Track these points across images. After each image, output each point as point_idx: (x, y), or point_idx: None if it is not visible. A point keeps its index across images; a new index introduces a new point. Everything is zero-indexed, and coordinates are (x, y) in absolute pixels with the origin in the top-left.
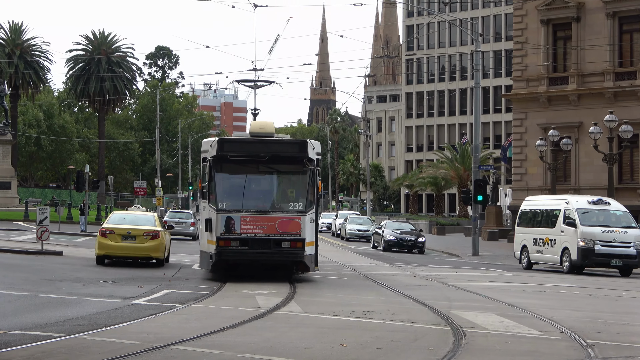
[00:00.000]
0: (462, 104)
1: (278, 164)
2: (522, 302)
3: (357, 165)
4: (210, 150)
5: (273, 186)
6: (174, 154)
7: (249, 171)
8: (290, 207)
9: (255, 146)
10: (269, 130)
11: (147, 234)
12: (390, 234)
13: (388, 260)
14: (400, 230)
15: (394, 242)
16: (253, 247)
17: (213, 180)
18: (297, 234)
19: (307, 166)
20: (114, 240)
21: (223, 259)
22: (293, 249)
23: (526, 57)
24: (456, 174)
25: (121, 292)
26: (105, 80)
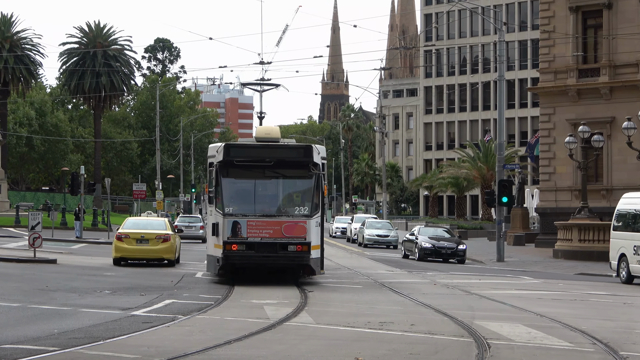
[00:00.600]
0: (485, 99)
1: (284, 169)
2: (550, 311)
3: (372, 165)
4: (217, 156)
5: (279, 191)
6: (176, 154)
7: (255, 176)
8: (295, 211)
9: (261, 151)
10: (275, 136)
11: (159, 238)
12: (427, 241)
13: (406, 268)
14: (437, 237)
15: (430, 250)
16: (259, 251)
17: (219, 185)
18: (302, 238)
19: (313, 171)
20: (129, 244)
21: (230, 262)
22: (299, 252)
23: (554, 48)
24: (479, 174)
25: (119, 303)
26: (101, 75)
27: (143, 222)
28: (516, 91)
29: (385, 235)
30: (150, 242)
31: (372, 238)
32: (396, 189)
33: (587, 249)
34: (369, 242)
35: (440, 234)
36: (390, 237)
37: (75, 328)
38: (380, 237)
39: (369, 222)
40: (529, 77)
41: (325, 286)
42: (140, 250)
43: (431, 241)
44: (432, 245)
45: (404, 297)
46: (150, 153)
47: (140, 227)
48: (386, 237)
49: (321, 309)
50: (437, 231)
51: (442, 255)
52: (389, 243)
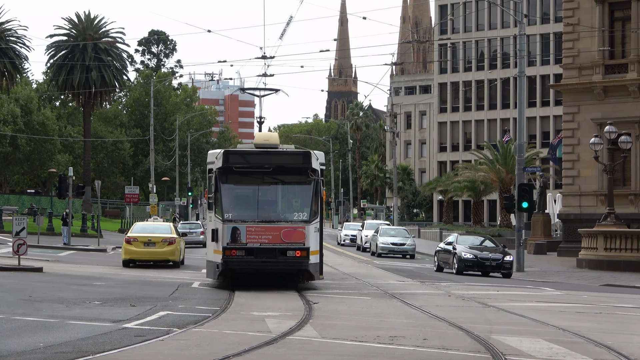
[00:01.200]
0: (504, 96)
1: (282, 175)
2: (574, 325)
3: (382, 167)
4: (216, 162)
5: (278, 196)
6: (171, 155)
7: (254, 182)
8: (294, 216)
9: (259, 157)
10: (274, 142)
11: (164, 241)
12: (467, 251)
13: (419, 278)
14: (479, 246)
15: (472, 262)
16: (259, 256)
17: (219, 192)
18: (301, 243)
19: (311, 177)
20: (137, 247)
21: (229, 268)
22: (298, 257)
23: (578, 42)
24: (497, 177)
25: (110, 314)
26: (91, 70)
27: (150, 227)
28: (537, 88)
29: (401, 244)
30: (157, 245)
31: (387, 247)
32: (408, 193)
33: (613, 258)
34: (383, 251)
35: (481, 242)
36: (407, 246)
37: (62, 341)
38: (396, 246)
39: (383, 229)
40: (552, 74)
41: (332, 297)
42: (148, 253)
43: (472, 251)
44: (474, 256)
45: (416, 310)
46: (144, 153)
47: (147, 231)
48: (402, 245)
49: (327, 322)
50: (478, 240)
51: (485, 267)
52: (405, 252)
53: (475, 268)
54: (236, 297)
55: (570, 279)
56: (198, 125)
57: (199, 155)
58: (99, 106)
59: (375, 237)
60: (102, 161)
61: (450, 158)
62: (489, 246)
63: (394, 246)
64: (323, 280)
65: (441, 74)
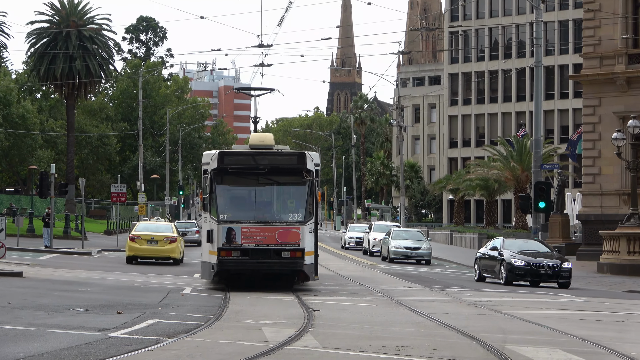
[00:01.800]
0: (519, 88)
1: (277, 176)
2: (594, 334)
3: (388, 164)
4: (211, 163)
5: (273, 197)
6: (161, 151)
7: (249, 183)
8: (289, 217)
9: (254, 158)
10: (268, 143)
11: (166, 239)
12: (517, 257)
13: (428, 283)
14: (531, 251)
15: (524, 270)
16: (254, 257)
17: (214, 192)
18: (296, 244)
19: (306, 177)
20: (140, 244)
21: (225, 268)
22: (293, 258)
23: (599, 29)
24: (512, 175)
25: (95, 323)
26: (75, 60)
27: (152, 226)
28: (555, 79)
29: (416, 248)
30: (159, 243)
31: (400, 251)
32: (416, 192)
33: (637, 262)
34: (395, 255)
35: (532, 247)
36: (422, 250)
37: (43, 352)
38: (410, 250)
39: (396, 231)
40: (571, 63)
41: (334, 304)
42: (150, 250)
43: (524, 257)
44: (527, 263)
45: (424, 318)
46: (132, 149)
47: (150, 230)
48: (417, 249)
49: (329, 330)
50: (529, 244)
51: (539, 276)
52: (421, 257)
53: (527, 277)
54: (231, 304)
55: (590, 284)
56: (190, 118)
57: (190, 151)
58: (83, 98)
59: (386, 241)
60: (86, 157)
61: (461, 154)
62: (542, 251)
63: (407, 250)
64: (325, 286)
65: (452, 63)
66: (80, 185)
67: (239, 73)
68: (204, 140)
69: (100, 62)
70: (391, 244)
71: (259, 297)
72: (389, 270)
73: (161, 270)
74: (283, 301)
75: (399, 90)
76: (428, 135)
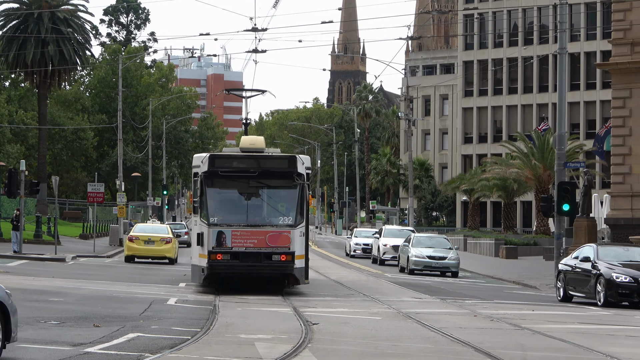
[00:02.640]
0: (541, 77)
1: (268, 179)
2: (624, 352)
3: (395, 161)
4: (202, 166)
5: (263, 201)
6: (143, 146)
7: (240, 186)
8: (280, 221)
9: (245, 162)
10: (259, 146)
11: (162, 240)
12: (620, 272)
13: (439, 294)
14: (634, 262)
15: (632, 288)
16: (244, 260)
17: (204, 195)
18: (286, 247)
19: (297, 181)
20: (138, 244)
21: (215, 272)
22: (283, 262)
23: (630, 12)
24: (533, 175)
25: (69, 337)
26: (48, 44)
27: (149, 227)
28: (581, 68)
29: (441, 257)
30: (155, 243)
31: (422, 261)
32: (426, 193)
33: None
34: (416, 266)
35: (634, 256)
36: (449, 260)
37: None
38: (435, 260)
39: (418, 238)
40: (599, 50)
41: (335, 317)
42: (148, 250)
43: (629, 271)
44: (633, 279)
45: (435, 332)
46: (110, 144)
47: (147, 232)
48: (442, 259)
49: (329, 346)
50: (630, 252)
51: None
52: (447, 268)
53: (635, 296)
54: (220, 316)
55: None
56: (175, 110)
57: (176, 147)
58: (56, 87)
59: (405, 249)
60: (60, 153)
61: (476, 151)
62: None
63: (431, 260)
64: (325, 297)
65: (466, 50)
66: (53, 184)
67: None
68: (190, 135)
69: (75, 47)
70: (412, 252)
71: (250, 308)
72: (396, 279)
73: (145, 278)
74: (278, 313)
75: (407, 79)
76: (440, 130)
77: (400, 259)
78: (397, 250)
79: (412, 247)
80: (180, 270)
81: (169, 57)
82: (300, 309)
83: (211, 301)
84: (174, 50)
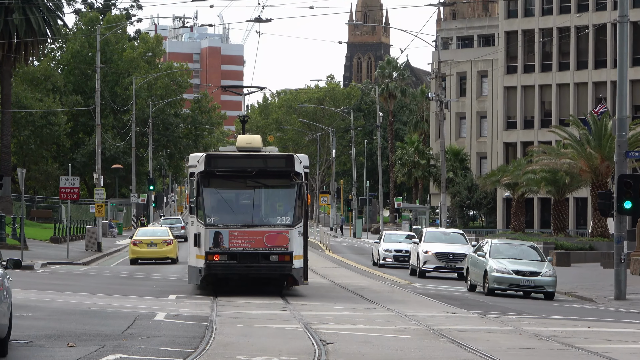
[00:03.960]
0: (597, 51)
1: (265, 179)
2: None
3: (424, 150)
4: (198, 166)
5: (261, 200)
6: (126, 133)
7: (237, 186)
8: (277, 221)
9: (242, 161)
10: (257, 145)
11: (164, 242)
12: None
13: (476, 308)
14: None
15: None
16: (242, 261)
17: (201, 196)
18: (284, 248)
19: (295, 180)
20: (142, 247)
21: (212, 273)
22: (281, 262)
23: None
24: (588, 166)
25: (39, 359)
26: (12, 12)
27: (150, 231)
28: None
29: (533, 273)
30: (158, 245)
31: (506, 277)
32: (461, 188)
33: None
34: (498, 284)
35: None
36: (543, 277)
37: None
38: (524, 277)
39: (496, 246)
40: None
41: (353, 335)
42: (151, 252)
43: None
44: None
45: (473, 353)
46: (87, 131)
47: (149, 235)
48: (534, 275)
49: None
50: None
51: None
52: (540, 288)
53: None
54: (218, 334)
55: None
56: (164, 90)
57: (164, 134)
58: (22, 63)
59: (480, 261)
60: (27, 141)
61: (521, 138)
62: None
63: (519, 277)
64: (342, 311)
65: (509, 18)
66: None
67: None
68: (182, 119)
69: (45, 16)
70: (491, 265)
71: (253, 325)
72: (426, 290)
73: (128, 289)
74: (286, 330)
75: (439, 53)
76: (477, 113)
77: (470, 274)
78: (442, 258)
79: (490, 259)
80: (171, 279)
81: (155, 28)
82: (313, 325)
83: (206, 316)
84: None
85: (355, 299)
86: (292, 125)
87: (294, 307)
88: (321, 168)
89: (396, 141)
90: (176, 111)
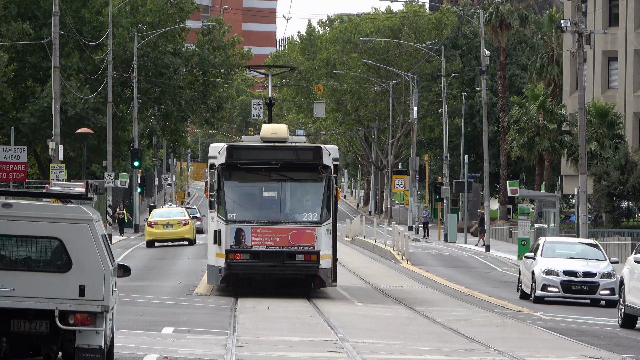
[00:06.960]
0: None
1: (291, 172)
2: None
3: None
4: (219, 157)
5: (286, 195)
6: (99, 81)
7: (260, 179)
8: (304, 217)
9: (266, 153)
10: (282, 135)
11: (180, 222)
12: None
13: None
14: None
15: None
16: (265, 260)
17: (222, 190)
18: (311, 246)
19: (323, 173)
20: (157, 229)
21: (233, 272)
22: (307, 262)
23: None
24: None
25: None
26: None
27: (166, 212)
28: None
29: None
30: (174, 226)
31: None
32: (610, 167)
33: None
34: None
35: None
36: None
37: None
38: None
39: None
40: None
41: None
42: (167, 233)
43: None
44: None
45: None
46: (39, 77)
47: (164, 216)
48: None
49: None
50: None
51: None
52: None
53: None
54: None
55: None
56: (155, 16)
57: (156, 81)
58: None
59: None
60: None
61: None
62: None
63: None
64: (426, 357)
65: None
66: None
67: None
68: (183, 60)
69: None
70: None
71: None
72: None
73: None
74: None
75: None
76: (635, 52)
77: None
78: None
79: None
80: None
81: None
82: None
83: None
84: None
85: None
86: (352, 69)
87: (352, 345)
88: (395, 135)
89: (510, 95)
90: (175, 48)
